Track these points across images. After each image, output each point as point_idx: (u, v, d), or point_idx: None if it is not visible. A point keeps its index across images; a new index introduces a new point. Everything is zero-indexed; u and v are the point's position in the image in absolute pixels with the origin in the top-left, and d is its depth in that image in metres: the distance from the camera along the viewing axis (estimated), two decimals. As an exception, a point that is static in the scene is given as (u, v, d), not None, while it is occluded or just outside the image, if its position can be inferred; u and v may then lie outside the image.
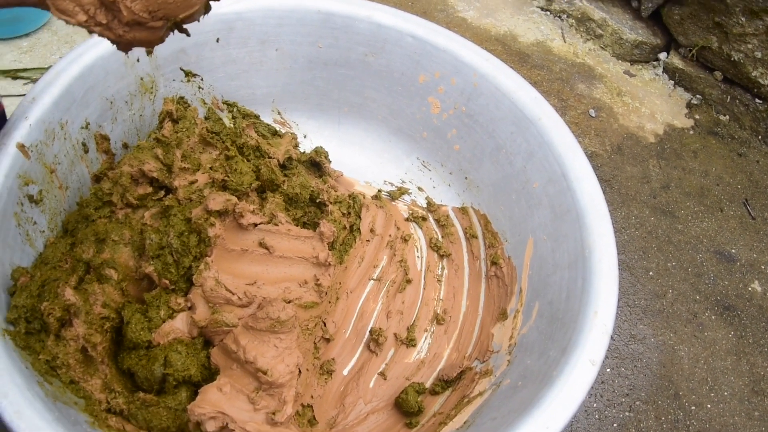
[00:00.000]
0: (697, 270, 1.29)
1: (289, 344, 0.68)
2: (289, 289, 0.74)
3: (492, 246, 0.89)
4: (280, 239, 0.76)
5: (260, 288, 0.72)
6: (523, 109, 0.85)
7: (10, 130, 0.71)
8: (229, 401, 0.64)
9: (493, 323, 0.83)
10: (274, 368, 0.65)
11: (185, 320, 0.71)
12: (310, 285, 0.76)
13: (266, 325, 0.66)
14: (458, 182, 0.96)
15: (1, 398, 0.54)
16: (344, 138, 1.01)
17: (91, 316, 0.67)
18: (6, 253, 0.66)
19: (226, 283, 0.71)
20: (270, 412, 0.64)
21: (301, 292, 0.74)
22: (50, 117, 0.75)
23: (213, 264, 0.72)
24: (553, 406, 0.60)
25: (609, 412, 1.05)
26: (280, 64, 0.97)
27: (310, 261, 0.77)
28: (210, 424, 0.62)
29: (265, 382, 0.65)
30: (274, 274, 0.75)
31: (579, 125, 1.51)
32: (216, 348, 0.69)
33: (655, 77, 1.70)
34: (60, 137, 0.77)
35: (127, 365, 0.69)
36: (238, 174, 0.80)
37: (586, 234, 0.73)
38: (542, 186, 0.82)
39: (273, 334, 0.67)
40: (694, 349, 1.16)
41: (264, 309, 0.67)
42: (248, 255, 0.75)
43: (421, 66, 0.93)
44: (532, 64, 1.62)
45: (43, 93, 0.75)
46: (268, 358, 0.66)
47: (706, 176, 1.47)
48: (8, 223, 0.68)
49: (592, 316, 0.66)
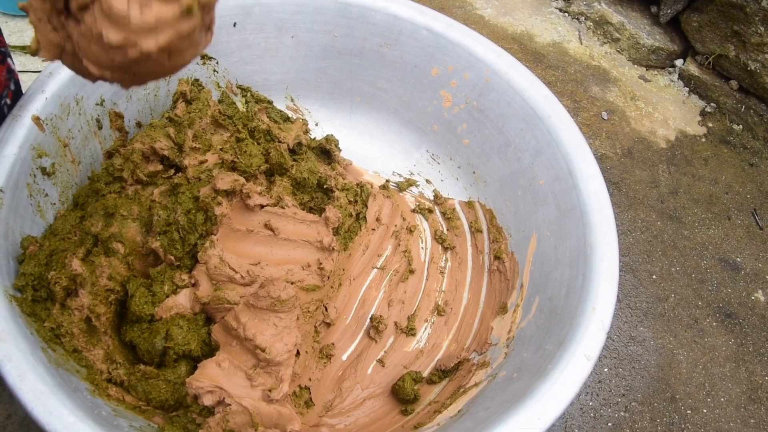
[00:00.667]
0: (701, 276, 1.29)
1: (288, 324, 0.69)
2: (292, 271, 0.75)
3: (496, 241, 0.90)
4: (285, 222, 0.78)
5: (263, 268, 0.74)
6: (533, 106, 0.86)
7: (26, 103, 0.73)
8: (227, 377, 0.65)
9: (493, 316, 0.84)
10: (273, 346, 0.66)
11: (188, 296, 0.72)
12: (313, 268, 0.77)
13: (267, 304, 0.67)
14: (466, 176, 0.97)
15: (6, 362, 0.55)
16: (355, 127, 1.02)
17: (97, 287, 0.68)
18: (17, 222, 0.68)
19: (230, 262, 0.72)
20: (266, 389, 0.65)
21: (303, 275, 0.75)
22: (66, 92, 0.76)
23: (218, 242, 0.73)
24: (546, 398, 0.61)
25: (604, 411, 1.06)
26: (295, 52, 0.97)
27: (314, 245, 0.78)
28: (207, 397, 0.63)
29: (263, 359, 0.66)
30: (277, 255, 0.76)
31: (591, 127, 1.51)
32: (217, 325, 0.70)
33: (670, 83, 1.70)
34: (75, 112, 0.78)
35: (130, 337, 0.70)
36: (247, 156, 0.81)
37: (589, 232, 0.74)
38: (548, 183, 0.82)
39: (273, 313, 0.68)
40: (693, 353, 1.17)
41: (265, 288, 0.68)
42: (253, 236, 0.76)
43: (435, 59, 0.93)
44: (547, 64, 1.63)
45: (60, 68, 0.76)
46: (267, 336, 0.67)
47: (716, 184, 1.47)
48: (20, 193, 0.69)
49: (590, 313, 0.67)
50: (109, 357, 0.69)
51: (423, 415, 0.76)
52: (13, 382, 0.55)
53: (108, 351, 0.69)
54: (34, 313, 0.64)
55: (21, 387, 0.54)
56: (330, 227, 0.80)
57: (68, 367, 0.63)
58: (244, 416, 0.63)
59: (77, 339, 0.67)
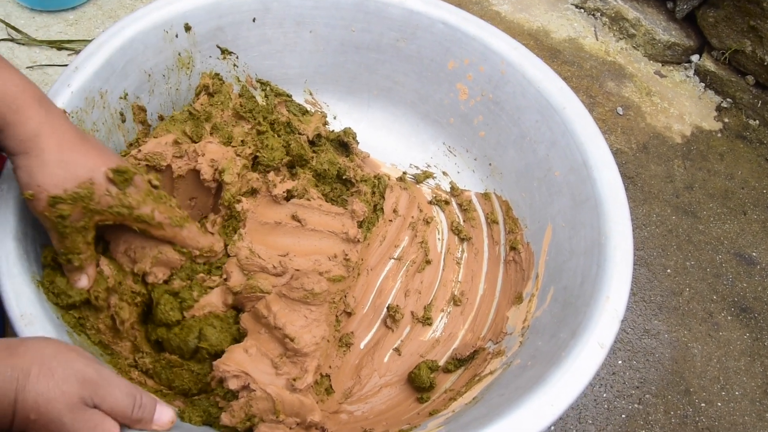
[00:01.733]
0: (716, 270, 1.29)
1: (318, 317, 0.70)
2: (319, 262, 0.76)
3: (512, 232, 0.91)
4: (311, 213, 0.79)
5: (292, 259, 0.75)
6: (548, 98, 0.87)
7: (53, 96, 0.75)
8: (253, 363, 0.67)
9: (508, 306, 0.85)
10: (301, 337, 0.68)
11: (220, 293, 0.74)
12: (339, 259, 0.78)
13: (299, 296, 0.69)
14: (482, 168, 0.98)
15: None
16: (372, 121, 1.03)
17: (124, 286, 0.70)
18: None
19: (260, 253, 0.74)
20: (291, 378, 0.67)
21: (330, 266, 0.76)
22: (91, 86, 0.78)
23: (246, 235, 0.75)
24: (560, 385, 0.62)
25: (618, 402, 1.07)
26: (314, 46, 0.99)
27: (340, 236, 0.80)
28: (233, 381, 0.65)
29: (291, 348, 0.67)
30: (305, 246, 0.78)
31: (606, 122, 1.52)
32: (246, 313, 0.72)
33: (685, 79, 1.70)
34: (99, 106, 0.80)
35: (156, 337, 0.72)
36: (269, 150, 0.82)
37: (604, 222, 0.75)
38: (563, 174, 0.83)
39: (305, 305, 0.70)
40: (707, 347, 1.17)
41: (299, 279, 0.70)
42: (281, 227, 0.78)
43: (451, 53, 0.95)
44: (562, 60, 1.63)
45: (86, 63, 0.78)
46: (297, 326, 0.68)
47: (732, 179, 1.47)
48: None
49: (603, 301, 0.68)
50: (137, 348, 0.71)
51: (438, 402, 0.77)
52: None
53: (135, 342, 0.71)
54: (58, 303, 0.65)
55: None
56: (355, 220, 0.81)
57: (92, 351, 0.65)
58: (267, 403, 0.64)
59: (103, 334, 0.68)
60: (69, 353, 0.49)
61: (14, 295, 0.60)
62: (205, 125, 0.83)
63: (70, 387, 0.46)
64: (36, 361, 0.46)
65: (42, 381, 0.45)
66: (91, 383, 0.48)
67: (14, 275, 0.61)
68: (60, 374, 0.46)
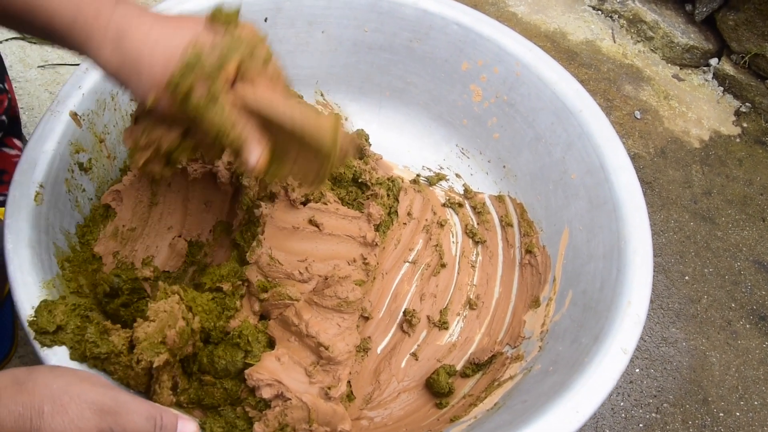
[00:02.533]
0: (735, 278, 1.26)
1: (350, 325, 0.69)
2: (339, 267, 0.75)
3: (527, 234, 0.89)
4: (328, 217, 0.78)
5: (311, 265, 0.74)
6: (564, 100, 0.85)
7: (64, 98, 0.74)
8: (286, 371, 0.65)
9: (525, 310, 0.83)
10: (335, 345, 0.66)
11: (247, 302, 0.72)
12: (358, 263, 0.77)
13: (333, 304, 0.68)
14: (496, 170, 0.96)
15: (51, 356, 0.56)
16: (385, 122, 1.02)
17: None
18: (57, 218, 0.69)
19: (279, 259, 0.73)
20: (325, 386, 0.65)
21: (349, 270, 0.75)
22: (102, 88, 0.77)
23: (266, 241, 0.73)
24: (584, 391, 0.60)
25: (636, 411, 1.04)
26: (326, 46, 0.98)
27: (357, 240, 0.78)
28: (266, 390, 0.63)
29: (326, 357, 0.66)
30: (322, 251, 0.76)
31: (623, 126, 1.49)
32: (273, 321, 0.71)
33: (704, 83, 1.68)
34: (110, 108, 0.79)
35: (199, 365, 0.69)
36: None
37: (622, 225, 0.73)
38: (580, 177, 0.82)
39: (338, 313, 0.68)
40: (726, 356, 1.14)
41: (332, 287, 0.68)
42: (299, 233, 0.76)
43: (465, 54, 0.93)
44: (580, 62, 1.61)
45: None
46: (330, 335, 0.67)
47: (750, 185, 1.44)
48: (60, 188, 0.70)
49: (625, 306, 0.66)
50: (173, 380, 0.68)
51: (458, 408, 0.76)
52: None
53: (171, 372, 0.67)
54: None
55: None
56: (372, 223, 0.80)
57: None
58: (302, 412, 0.63)
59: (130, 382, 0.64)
60: (81, 384, 0.46)
61: (28, 304, 0.59)
62: None
63: (86, 422, 0.44)
64: (47, 398, 0.44)
65: (56, 419, 0.43)
66: (109, 413, 0.45)
67: (28, 284, 0.60)
68: (74, 410, 0.44)
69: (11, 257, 0.60)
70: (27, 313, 0.58)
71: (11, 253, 0.60)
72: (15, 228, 0.62)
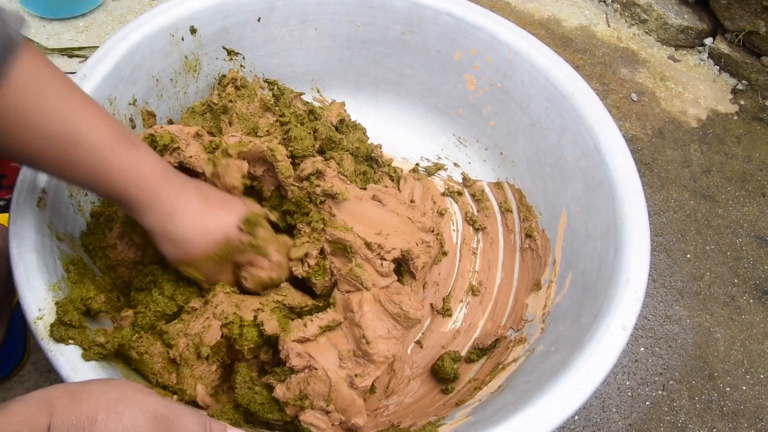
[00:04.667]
0: (737, 254, 1.27)
1: (399, 335, 0.70)
2: (411, 245, 0.75)
3: (526, 219, 0.90)
4: (389, 198, 0.78)
5: (387, 238, 0.74)
6: (557, 84, 0.86)
7: None
8: (320, 349, 0.66)
9: (527, 294, 0.85)
10: (377, 344, 0.67)
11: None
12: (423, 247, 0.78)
13: (394, 311, 0.68)
14: (493, 158, 0.97)
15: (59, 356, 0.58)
16: (381, 115, 1.03)
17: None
18: (60, 222, 0.70)
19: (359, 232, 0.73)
20: (353, 374, 0.66)
21: (419, 251, 0.76)
22: (100, 93, 0.78)
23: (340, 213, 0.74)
24: (585, 369, 0.61)
25: (642, 390, 1.05)
26: (320, 43, 0.99)
27: (417, 224, 0.79)
28: (296, 359, 0.64)
29: (363, 350, 0.67)
30: (392, 226, 0.77)
31: (620, 109, 1.50)
32: (339, 293, 0.72)
33: (699, 62, 1.68)
34: (109, 113, 0.80)
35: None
36: (298, 140, 0.80)
37: (619, 205, 0.74)
38: (575, 160, 0.83)
39: (393, 320, 0.69)
40: (730, 331, 1.15)
41: (400, 296, 0.69)
42: (365, 203, 0.76)
43: (457, 44, 0.94)
44: (574, 48, 1.62)
45: (93, 70, 0.78)
46: (377, 334, 0.68)
47: (749, 162, 1.45)
48: (62, 193, 0.71)
49: (623, 284, 0.67)
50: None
51: (464, 392, 0.77)
52: (66, 375, 0.57)
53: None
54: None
55: (73, 377, 0.56)
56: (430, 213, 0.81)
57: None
58: (324, 386, 0.64)
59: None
60: (135, 393, 0.47)
61: (35, 307, 0.60)
62: (223, 117, 0.82)
63: (140, 429, 0.44)
64: (102, 406, 0.44)
65: (110, 426, 0.43)
66: (163, 420, 0.46)
67: (35, 288, 0.61)
68: (128, 417, 0.44)
69: (16, 262, 0.61)
70: (34, 316, 0.59)
71: (16, 257, 0.61)
72: (19, 233, 0.63)
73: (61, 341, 0.58)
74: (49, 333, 0.58)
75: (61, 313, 0.58)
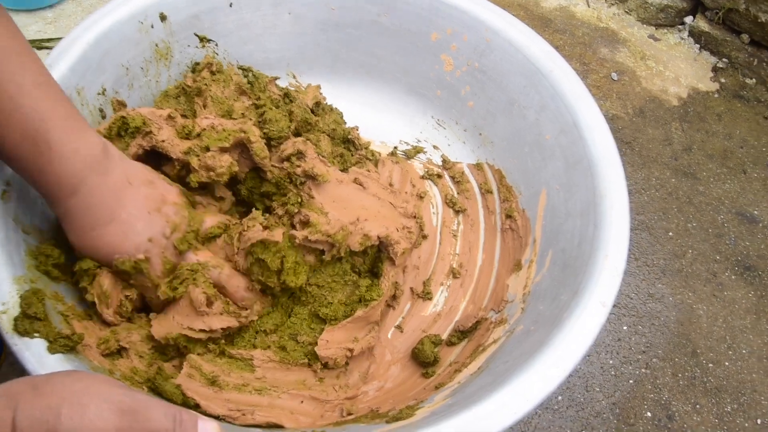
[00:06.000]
0: (718, 231, 1.27)
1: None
2: (389, 230, 0.74)
3: (507, 200, 0.89)
4: (371, 182, 0.77)
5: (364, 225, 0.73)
6: (535, 62, 0.85)
7: None
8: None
9: (508, 274, 0.84)
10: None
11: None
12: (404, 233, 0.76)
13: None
14: (473, 139, 0.96)
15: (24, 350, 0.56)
16: (358, 99, 1.01)
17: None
18: (27, 216, 0.68)
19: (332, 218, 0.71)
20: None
21: (399, 237, 0.75)
22: (67, 83, 0.76)
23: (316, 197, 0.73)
24: (563, 346, 0.60)
25: (625, 368, 1.06)
26: (293, 28, 0.97)
27: (398, 210, 0.78)
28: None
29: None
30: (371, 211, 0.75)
31: (600, 88, 1.50)
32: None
33: (680, 41, 1.68)
34: (77, 103, 0.78)
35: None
36: (274, 122, 0.78)
37: (598, 182, 0.74)
38: (554, 137, 0.82)
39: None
40: (712, 308, 1.16)
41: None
42: (345, 185, 0.75)
43: (433, 24, 0.93)
44: (554, 28, 1.61)
45: (59, 59, 0.76)
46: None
47: (730, 139, 1.45)
48: (28, 186, 0.69)
49: (602, 260, 0.66)
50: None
51: (444, 375, 0.76)
52: (32, 369, 0.56)
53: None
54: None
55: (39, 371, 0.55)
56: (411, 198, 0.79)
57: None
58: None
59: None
60: (101, 386, 0.45)
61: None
62: (197, 100, 0.81)
63: (105, 422, 0.43)
64: (66, 399, 0.43)
65: (75, 420, 0.42)
66: (130, 412, 0.44)
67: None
68: (93, 410, 0.43)
69: (-20, 256, 0.60)
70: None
71: (-21, 252, 0.60)
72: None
73: (26, 334, 0.56)
74: (13, 327, 0.56)
75: (26, 306, 0.57)
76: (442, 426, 0.55)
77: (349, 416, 0.69)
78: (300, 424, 0.65)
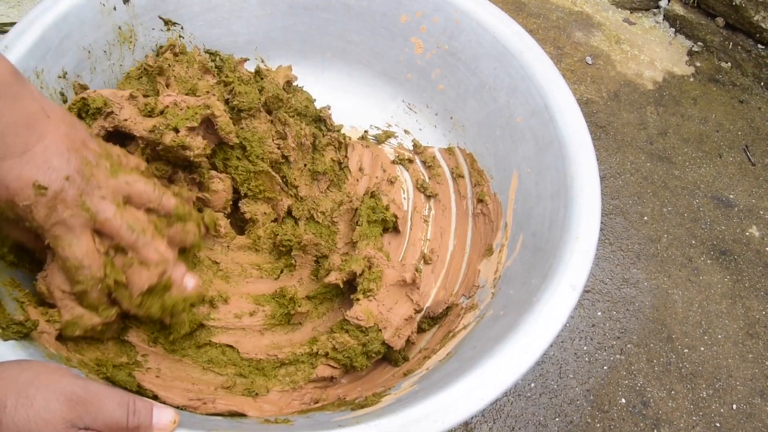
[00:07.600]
0: (694, 215, 1.27)
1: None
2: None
3: (478, 184, 0.88)
4: None
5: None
6: (505, 43, 0.84)
7: None
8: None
9: (479, 259, 0.83)
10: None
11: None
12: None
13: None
14: (444, 123, 0.95)
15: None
16: (328, 83, 1.00)
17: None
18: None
19: None
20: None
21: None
22: (25, 65, 0.73)
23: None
24: (532, 331, 0.59)
25: (599, 355, 1.05)
26: (261, 10, 0.95)
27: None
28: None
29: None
30: None
31: (575, 72, 1.49)
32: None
33: (655, 25, 1.67)
34: (37, 85, 0.75)
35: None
36: (243, 94, 0.76)
37: (569, 164, 0.72)
38: (525, 119, 0.80)
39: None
40: (688, 293, 1.15)
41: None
42: None
43: (403, 6, 0.91)
44: (528, 12, 1.60)
45: (17, 41, 0.74)
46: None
47: (706, 123, 1.45)
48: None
49: (573, 242, 0.65)
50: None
51: (413, 362, 0.75)
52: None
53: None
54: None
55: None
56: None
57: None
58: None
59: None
60: (50, 375, 0.44)
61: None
62: (159, 79, 0.78)
63: (53, 414, 0.42)
64: (12, 391, 0.41)
65: (20, 412, 0.41)
66: (79, 402, 0.43)
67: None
68: (40, 401, 0.42)
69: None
70: None
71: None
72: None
73: None
74: None
75: None
76: (406, 412, 0.53)
77: (315, 404, 0.68)
78: (264, 412, 0.64)
